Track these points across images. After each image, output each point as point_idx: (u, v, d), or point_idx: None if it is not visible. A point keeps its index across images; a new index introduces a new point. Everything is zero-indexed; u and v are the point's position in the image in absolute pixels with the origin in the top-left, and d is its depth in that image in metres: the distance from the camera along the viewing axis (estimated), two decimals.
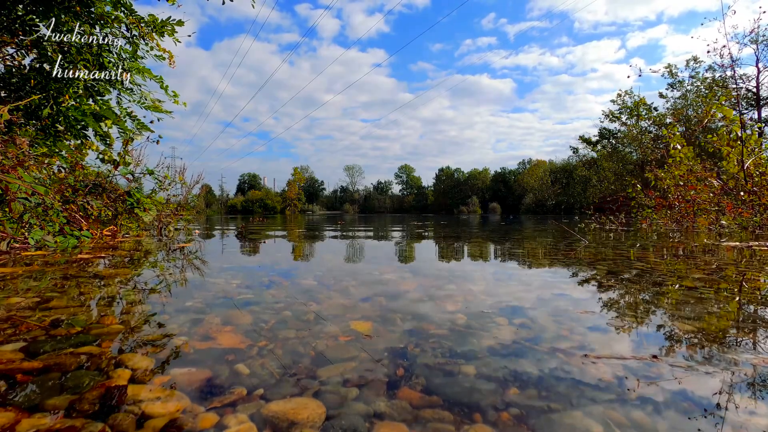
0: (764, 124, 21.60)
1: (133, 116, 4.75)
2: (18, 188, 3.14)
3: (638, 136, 28.90)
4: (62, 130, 4.31)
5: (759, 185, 6.61)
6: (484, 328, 1.25)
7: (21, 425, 0.65)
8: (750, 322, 1.37)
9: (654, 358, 1.00)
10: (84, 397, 0.75)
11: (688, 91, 27.82)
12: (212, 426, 0.67)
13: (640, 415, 0.73)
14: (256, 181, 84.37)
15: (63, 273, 2.15)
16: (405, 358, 1.00)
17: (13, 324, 1.20)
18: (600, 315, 1.44)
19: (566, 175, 51.06)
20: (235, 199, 73.73)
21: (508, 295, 1.79)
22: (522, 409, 0.74)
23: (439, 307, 1.53)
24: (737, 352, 1.06)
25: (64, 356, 0.95)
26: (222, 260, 3.01)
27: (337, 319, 1.33)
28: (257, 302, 1.57)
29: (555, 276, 2.36)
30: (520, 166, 68.95)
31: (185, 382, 0.83)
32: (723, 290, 1.92)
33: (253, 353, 1.00)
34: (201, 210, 22.33)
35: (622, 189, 21.25)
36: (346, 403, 0.76)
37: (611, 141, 34.50)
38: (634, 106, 29.41)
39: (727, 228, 6.72)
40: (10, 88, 4.04)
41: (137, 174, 5.25)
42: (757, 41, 20.63)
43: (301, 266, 2.80)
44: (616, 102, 31.01)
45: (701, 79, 26.36)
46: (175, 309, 1.44)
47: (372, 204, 79.56)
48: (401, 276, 2.30)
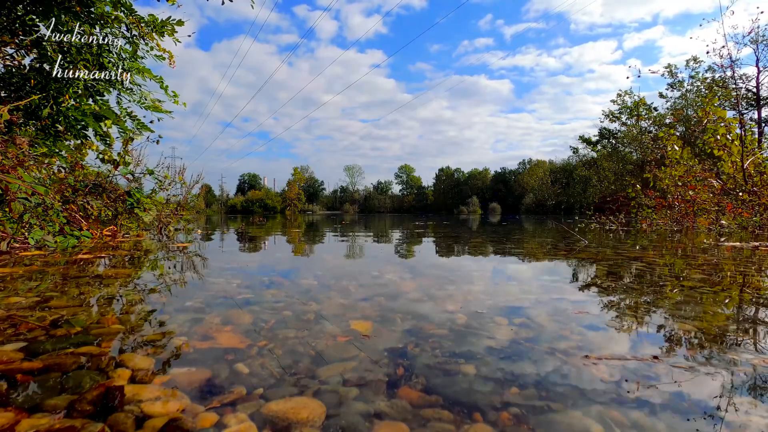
0: (764, 124, 21.60)
1: (133, 116, 4.74)
2: (18, 188, 3.14)
3: (638, 136, 28.90)
4: (62, 130, 4.31)
5: (759, 185, 6.61)
6: (483, 328, 1.25)
7: (21, 425, 0.65)
8: (750, 322, 1.37)
9: (655, 359, 1.00)
10: (84, 397, 0.75)
11: (688, 91, 27.82)
12: (212, 425, 0.67)
13: (641, 415, 0.73)
14: (256, 181, 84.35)
15: (63, 273, 2.15)
16: (405, 357, 1.00)
17: (13, 324, 1.20)
18: (600, 315, 1.44)
19: (566, 175, 51.06)
20: (235, 199, 73.66)
21: (507, 295, 1.79)
22: (522, 409, 0.74)
23: (438, 306, 1.53)
24: (737, 352, 1.06)
25: (64, 356, 0.95)
26: (222, 260, 3.01)
27: (337, 319, 1.33)
28: (257, 302, 1.57)
29: (555, 276, 2.36)
30: (520, 166, 68.92)
31: (185, 382, 0.83)
32: (723, 290, 1.92)
33: (252, 353, 1.00)
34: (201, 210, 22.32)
35: (622, 189, 21.24)
36: (346, 402, 0.76)
37: (611, 141, 34.50)
38: (634, 106, 29.44)
39: (727, 228, 6.72)
40: (10, 88, 4.04)
41: (137, 174, 5.25)
42: (757, 41, 20.62)
43: (301, 266, 2.80)
44: (616, 102, 31.06)
45: (701, 79, 26.37)
46: (174, 309, 1.44)
47: (372, 204, 79.51)
48: (401, 276, 2.30)
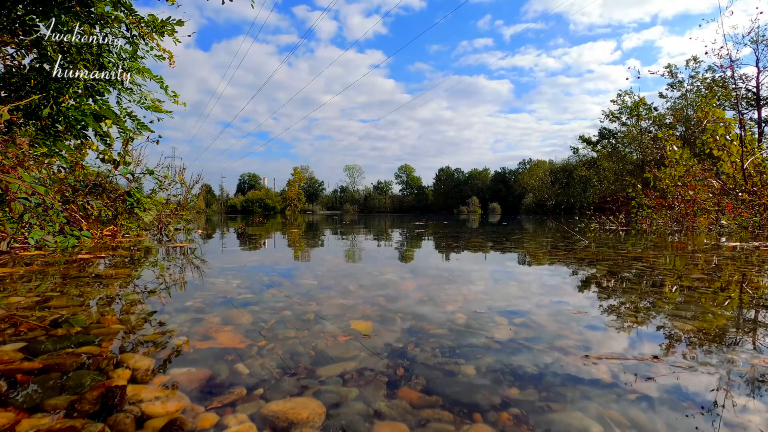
0: (764, 124, 21.59)
1: (133, 116, 4.74)
2: (18, 188, 3.14)
3: (638, 136, 28.89)
4: (62, 130, 4.31)
5: (758, 185, 6.61)
6: (483, 328, 1.25)
7: (21, 425, 0.65)
8: (750, 322, 1.37)
9: (655, 359, 1.00)
10: (84, 397, 0.75)
11: (688, 91, 27.82)
12: (212, 426, 0.67)
13: (641, 415, 0.73)
14: (256, 181, 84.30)
15: (63, 273, 2.15)
16: (405, 357, 1.00)
17: (13, 324, 1.20)
18: (600, 315, 1.44)
19: (566, 175, 51.03)
20: (235, 199, 73.66)
21: (507, 295, 1.79)
22: (522, 409, 0.74)
23: (438, 306, 1.53)
24: (737, 352, 1.06)
25: (64, 356, 0.95)
26: (222, 260, 3.01)
27: (337, 319, 1.33)
28: (257, 302, 1.57)
29: (555, 276, 2.36)
30: (520, 166, 68.87)
31: (185, 382, 0.83)
32: (723, 290, 1.92)
33: (253, 353, 1.00)
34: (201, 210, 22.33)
35: (622, 189, 21.23)
36: (346, 402, 0.76)
37: (611, 141, 34.47)
38: (634, 106, 29.41)
39: (727, 228, 6.72)
40: (10, 88, 4.03)
41: (137, 174, 5.25)
42: (756, 41, 20.60)
43: (301, 266, 2.80)
44: (616, 102, 31.03)
45: (701, 79, 26.36)
46: (174, 309, 1.44)
47: (372, 204, 79.48)
48: (401, 276, 2.30)
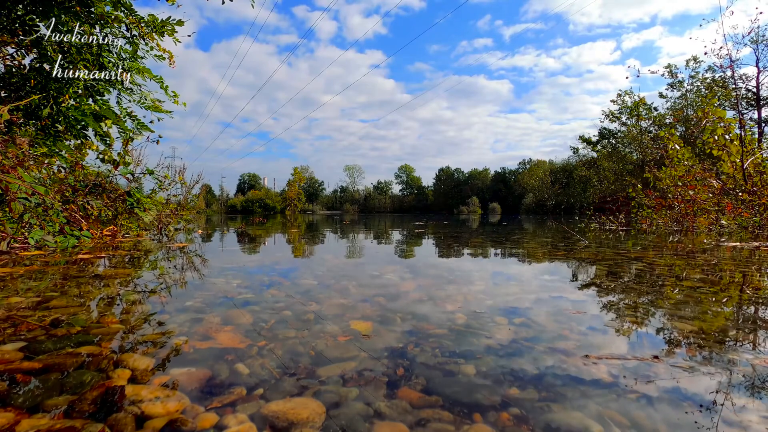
0: (764, 124, 21.59)
1: (133, 116, 4.74)
2: (18, 188, 3.14)
3: (638, 136, 28.89)
4: (62, 130, 4.31)
5: (758, 185, 6.60)
6: (483, 328, 1.25)
7: (21, 425, 0.65)
8: (750, 322, 1.37)
9: (655, 359, 1.00)
10: (84, 397, 0.75)
11: (688, 91, 27.82)
12: (212, 426, 0.67)
13: (641, 415, 0.73)
14: (256, 181, 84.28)
15: (63, 273, 2.15)
16: (405, 357, 1.00)
17: (13, 324, 1.20)
18: (600, 315, 1.44)
19: (566, 175, 51.02)
20: (235, 199, 73.65)
21: (507, 295, 1.79)
22: (522, 409, 0.74)
23: (438, 306, 1.53)
24: (737, 352, 1.06)
25: (64, 356, 0.95)
26: (222, 260, 3.01)
27: (337, 319, 1.33)
28: (257, 302, 1.57)
29: (555, 276, 2.36)
30: (520, 166, 68.83)
31: (185, 382, 0.83)
32: (722, 290, 1.92)
33: (252, 353, 1.00)
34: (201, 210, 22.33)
35: (622, 189, 21.23)
36: (346, 402, 0.76)
37: (611, 141, 34.45)
38: (634, 106, 29.40)
39: (727, 228, 6.72)
40: (10, 88, 4.03)
41: (137, 174, 5.24)
42: (756, 41, 20.59)
43: (301, 266, 2.80)
44: (616, 102, 31.02)
45: (701, 79, 26.36)
46: (174, 308, 1.44)
47: (372, 204, 79.46)
48: (401, 276, 2.30)
